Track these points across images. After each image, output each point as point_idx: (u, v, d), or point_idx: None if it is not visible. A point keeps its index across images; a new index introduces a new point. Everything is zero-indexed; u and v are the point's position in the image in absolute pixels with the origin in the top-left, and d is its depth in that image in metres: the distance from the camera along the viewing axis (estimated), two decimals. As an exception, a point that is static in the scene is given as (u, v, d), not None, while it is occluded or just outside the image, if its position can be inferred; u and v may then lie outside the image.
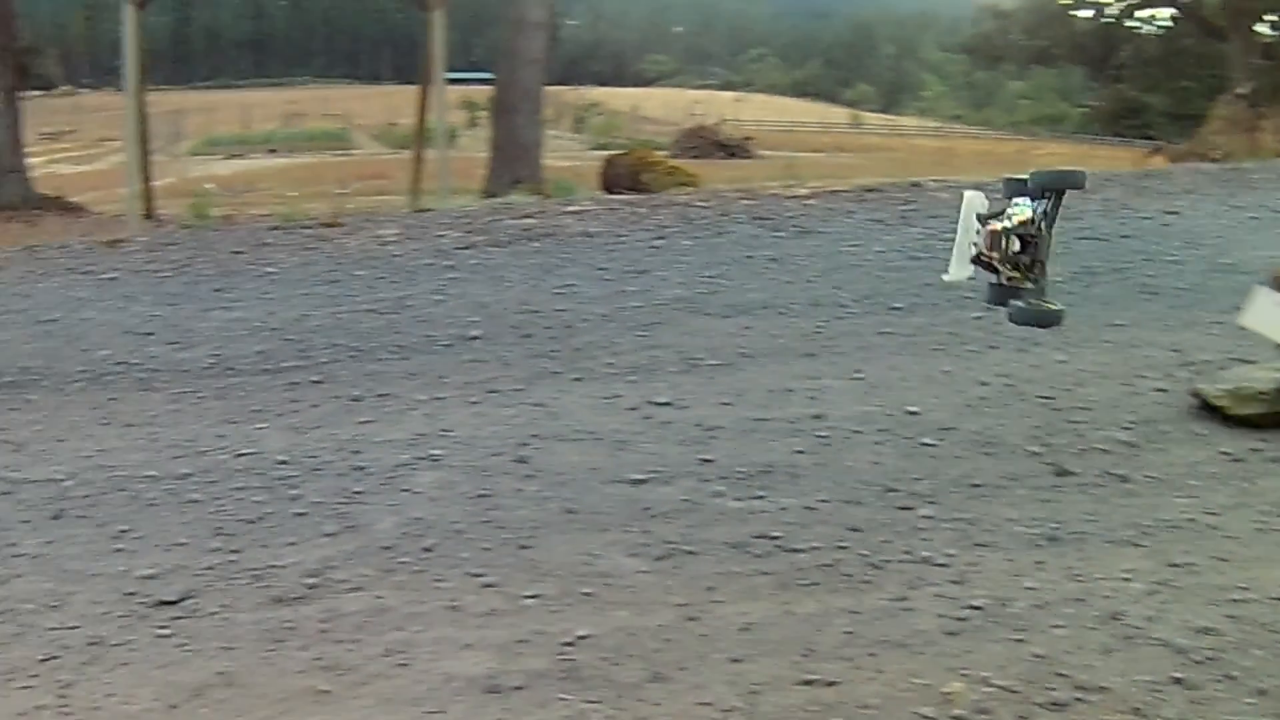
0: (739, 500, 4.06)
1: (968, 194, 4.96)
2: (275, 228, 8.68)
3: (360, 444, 4.54)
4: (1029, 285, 4.38)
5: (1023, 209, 4.42)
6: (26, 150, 19.30)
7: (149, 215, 14.59)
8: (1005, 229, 4.32)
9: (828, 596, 3.40)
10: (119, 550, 3.71)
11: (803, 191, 10.03)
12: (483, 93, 36.63)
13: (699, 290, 6.88)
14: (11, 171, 18.49)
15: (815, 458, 4.44)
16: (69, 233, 10.82)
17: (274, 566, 3.57)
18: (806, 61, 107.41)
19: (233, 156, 40.57)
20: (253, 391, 5.20)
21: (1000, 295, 4.45)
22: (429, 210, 9.78)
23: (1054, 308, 4.47)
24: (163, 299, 6.69)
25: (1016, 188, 4.60)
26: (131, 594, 3.44)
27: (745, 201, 9.53)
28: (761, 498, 4.07)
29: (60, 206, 18.48)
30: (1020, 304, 4.46)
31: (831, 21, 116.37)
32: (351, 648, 3.13)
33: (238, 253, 7.80)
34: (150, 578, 3.52)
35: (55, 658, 3.12)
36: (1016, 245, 4.38)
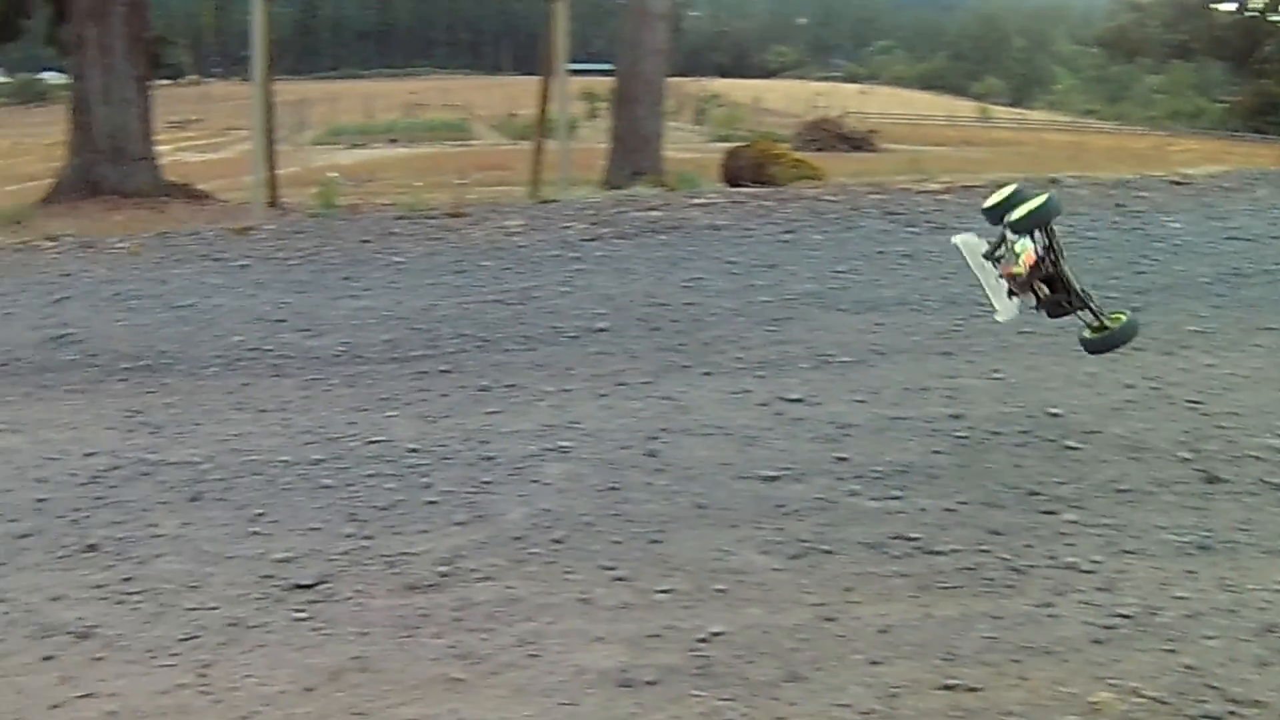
0: (875, 500, 4.03)
1: (960, 240, 4.90)
2: (401, 217, 8.88)
3: (488, 434, 4.63)
4: (1082, 316, 4.30)
5: (1024, 249, 4.38)
6: (154, 138, 20.03)
7: (273, 203, 15.03)
8: (1021, 276, 4.26)
9: (969, 600, 3.36)
10: (255, 533, 3.85)
11: (935, 186, 9.90)
12: (602, 84, 36.89)
13: (830, 285, 6.85)
14: (141, 159, 19.17)
15: (954, 458, 4.39)
16: (195, 220, 11.19)
17: (406, 554, 3.67)
18: (933, 54, 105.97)
19: (355, 146, 41.57)
20: (381, 380, 5.34)
21: (1054, 309, 4.37)
22: (553, 201, 9.89)
23: (1121, 322, 4.39)
24: (292, 287, 6.91)
25: (995, 216, 4.55)
26: (268, 577, 3.56)
27: (875, 196, 9.45)
28: (898, 498, 4.04)
29: (187, 194, 19.12)
30: (1087, 336, 4.39)
31: (959, 13, 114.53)
32: (484, 637, 3.19)
33: (365, 242, 8.01)
34: (286, 561, 3.65)
35: (195, 637, 3.25)
36: (1045, 289, 4.33)
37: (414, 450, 4.45)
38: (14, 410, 5.15)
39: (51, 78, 64.25)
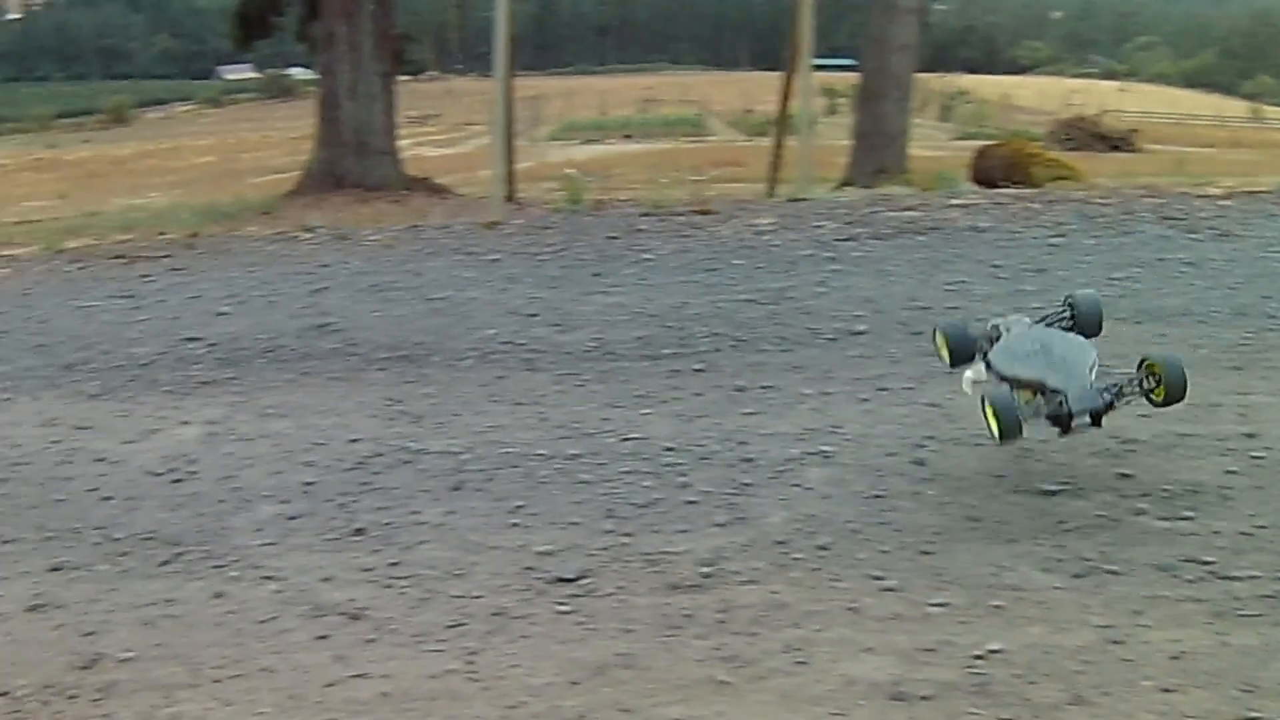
0: (1164, 520, 3.90)
1: (966, 384, 4.32)
2: (647, 214, 9.09)
3: (746, 435, 4.71)
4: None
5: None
6: (396, 134, 21.06)
7: (511, 198, 15.61)
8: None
9: (1271, 630, 3.22)
10: (515, 525, 4.04)
11: (1216, 191, 9.47)
12: (843, 80, 36.62)
13: (1106, 293, 6.58)
14: (384, 153, 20.23)
15: (1250, 479, 4.20)
16: (435, 214, 11.73)
17: (667, 553, 3.77)
18: (1199, 51, 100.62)
19: (589, 142, 42.71)
20: (635, 377, 5.50)
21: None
22: (804, 200, 9.93)
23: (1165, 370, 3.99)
24: (543, 282, 7.19)
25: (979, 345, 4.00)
26: (530, 569, 3.73)
27: (1150, 200, 9.11)
28: (1190, 519, 3.90)
29: (426, 188, 20.06)
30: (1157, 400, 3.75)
31: (1229, 8, 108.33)
32: (749, 641, 3.26)
33: (612, 238, 8.25)
34: (547, 554, 3.81)
35: (461, 625, 3.44)
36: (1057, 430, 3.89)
37: (670, 449, 4.57)
38: (280, 395, 5.56)
39: (298, 73, 68.59)
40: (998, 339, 4.28)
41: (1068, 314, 4.42)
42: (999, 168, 15.72)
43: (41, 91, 76.82)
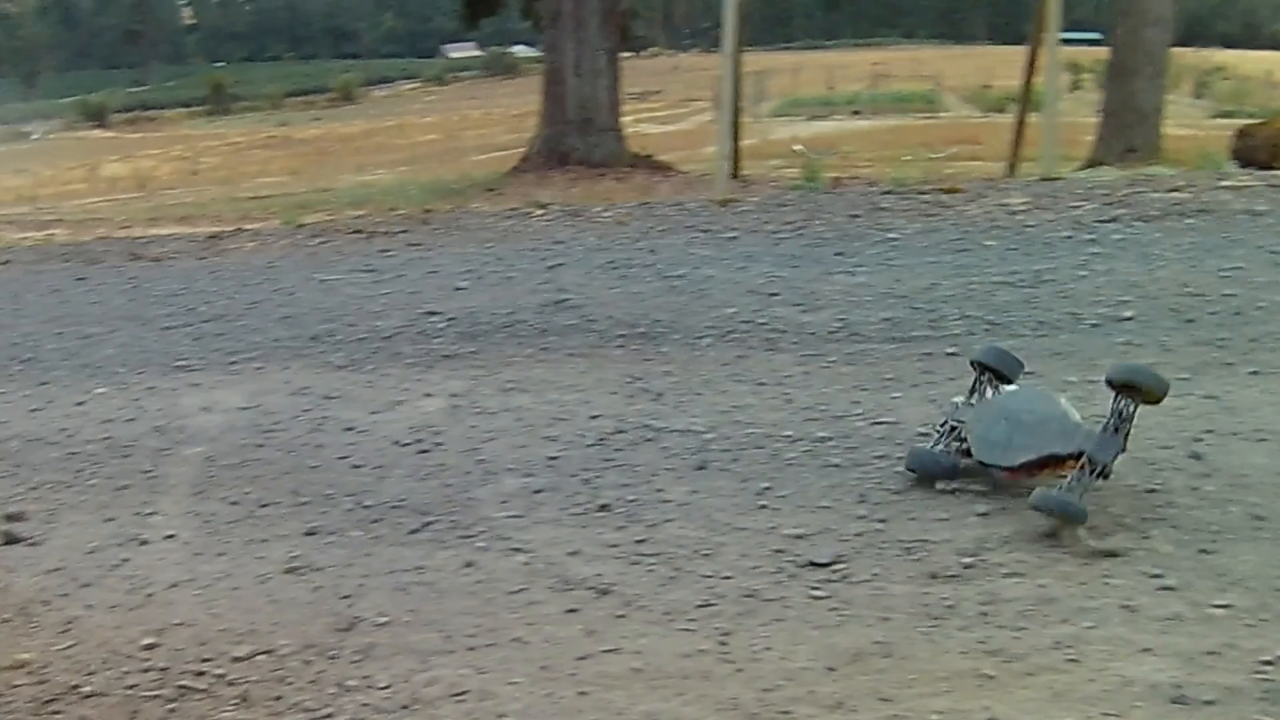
0: None
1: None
2: (888, 191, 9.00)
3: (1006, 422, 4.61)
4: None
5: None
6: (620, 110, 21.38)
7: (736, 176, 15.65)
8: None
9: None
10: (764, 507, 4.07)
11: None
12: (1087, 55, 35.24)
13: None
14: (608, 130, 20.58)
15: None
16: (660, 191, 11.89)
17: (924, 541, 3.74)
18: None
19: (815, 118, 42.39)
20: (883, 359, 5.46)
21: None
22: (1057, 179, 9.64)
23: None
24: (783, 260, 7.20)
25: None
26: (780, 551, 3.76)
27: None
28: None
29: (649, 165, 20.32)
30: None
31: None
32: (1016, 635, 3.21)
33: (854, 216, 8.20)
34: (798, 537, 3.83)
35: (711, 605, 3.50)
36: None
37: (925, 435, 4.52)
38: (520, 370, 5.75)
39: (521, 51, 70.32)
40: (958, 437, 4.15)
41: (986, 376, 4.27)
42: (1264, 148, 14.89)
43: (273, 71, 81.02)
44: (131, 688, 3.34)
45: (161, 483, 4.89)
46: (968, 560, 3.60)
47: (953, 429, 4.20)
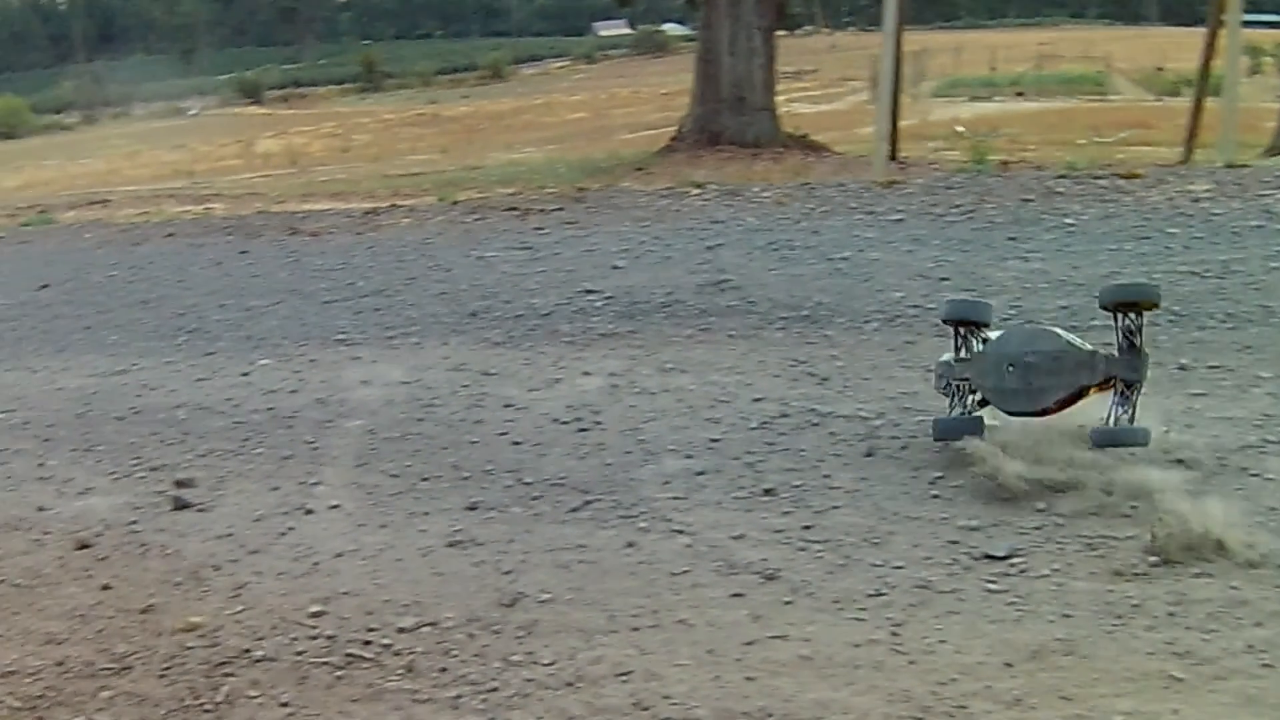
0: None
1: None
2: (1062, 176, 8.79)
3: (1192, 417, 4.49)
4: None
5: None
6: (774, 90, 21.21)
7: (894, 157, 15.42)
8: None
9: None
10: (935, 496, 4.04)
11: None
12: (1267, 37, 33.84)
13: None
14: (762, 109, 20.45)
15: None
16: (815, 171, 11.79)
17: (1108, 538, 3.67)
18: None
19: (975, 99, 41.48)
20: (1061, 348, 5.34)
21: None
22: (1244, 166, 9.29)
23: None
24: (952, 244, 7.09)
25: None
26: (954, 542, 3.72)
27: None
28: None
29: (802, 145, 20.13)
30: None
31: None
32: (1205, 638, 3.13)
33: (1026, 200, 8.03)
34: (972, 529, 3.79)
35: (882, 594, 3.48)
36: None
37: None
38: (679, 351, 5.78)
39: (671, 29, 70.38)
40: (969, 392, 4.30)
41: (964, 330, 4.38)
42: None
43: (424, 48, 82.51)
44: (300, 654, 3.46)
45: (324, 454, 5.05)
46: (1155, 559, 3.52)
47: (958, 388, 4.31)
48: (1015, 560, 3.58)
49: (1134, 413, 4.02)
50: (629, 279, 7.00)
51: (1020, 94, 44.48)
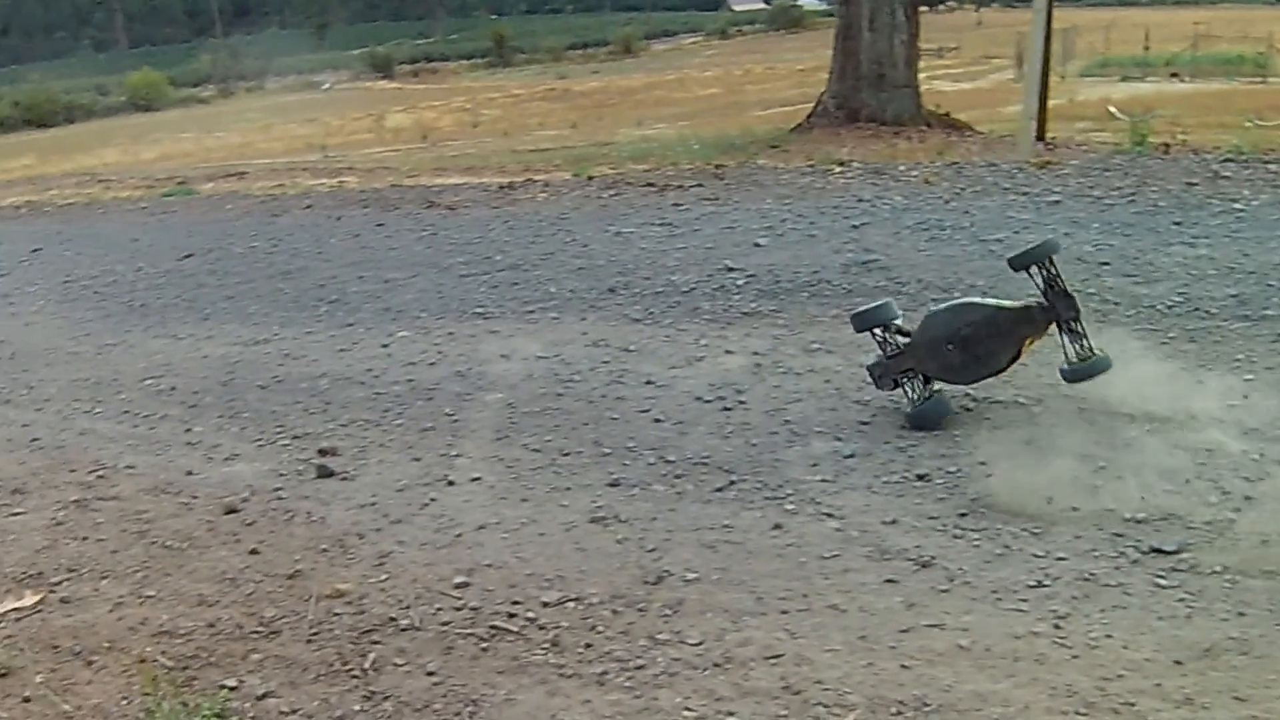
0: None
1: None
2: (1228, 159, 8.51)
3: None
4: None
5: None
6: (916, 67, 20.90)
7: (1041, 138, 15.07)
8: None
9: None
10: (1098, 486, 3.95)
11: None
12: None
13: None
14: (903, 87, 20.14)
15: None
16: (958, 151, 11.57)
17: (1285, 535, 3.55)
18: None
19: (1126, 79, 40.40)
20: (1229, 338, 5.19)
21: None
22: None
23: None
24: (1113, 228, 6.92)
25: None
26: (1119, 535, 3.65)
27: None
28: None
29: (944, 124, 19.79)
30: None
31: None
32: (1397, 642, 3.01)
33: (1191, 184, 7.79)
34: (1139, 521, 3.70)
35: (1044, 586, 3.42)
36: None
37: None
38: (825, 331, 5.75)
39: (807, 4, 69.82)
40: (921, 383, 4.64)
41: (879, 334, 4.73)
42: None
43: (555, 23, 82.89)
44: (445, 624, 3.52)
45: (464, 426, 5.12)
46: (1335, 558, 3.40)
47: (906, 380, 4.66)
48: (1185, 555, 3.49)
49: (1088, 343, 4.48)
50: (771, 257, 6.96)
51: (1175, 75, 43.20)
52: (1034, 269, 4.51)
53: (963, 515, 3.87)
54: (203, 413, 5.65)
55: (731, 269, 6.81)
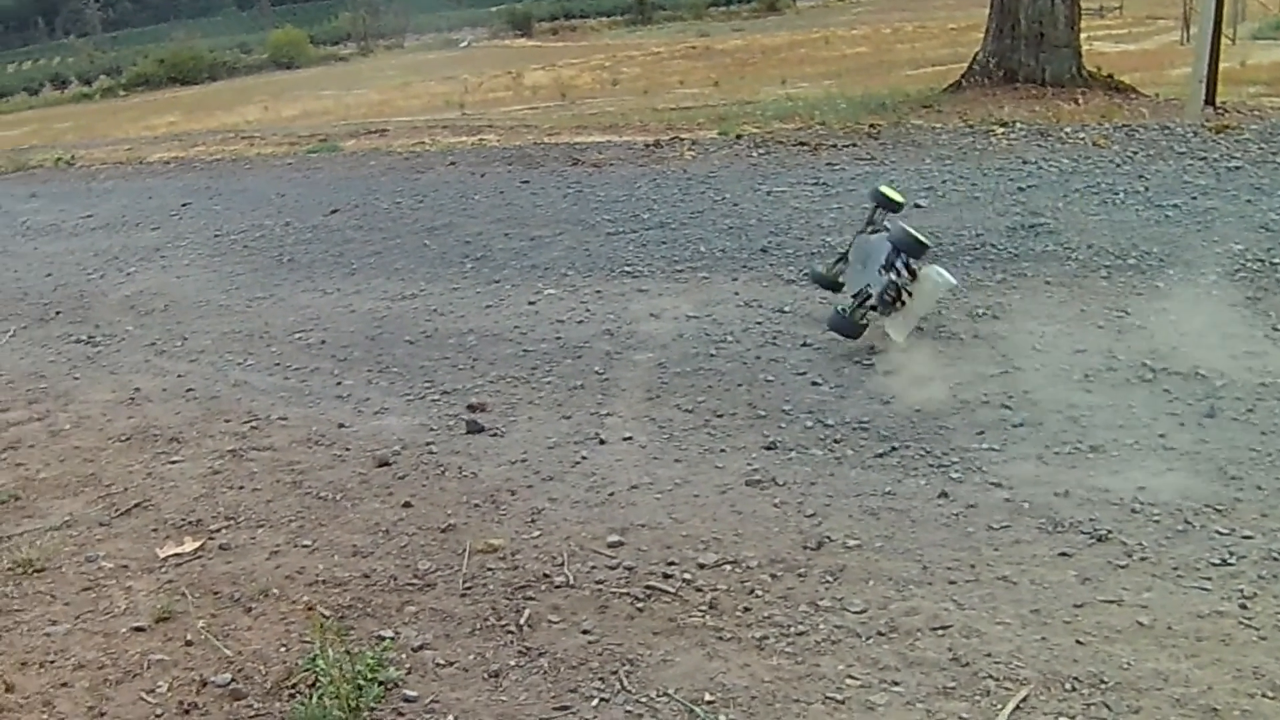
0: None
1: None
2: None
3: None
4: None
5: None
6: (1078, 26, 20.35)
7: (1211, 102, 14.57)
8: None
9: None
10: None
11: None
12: None
13: None
14: (1063, 46, 19.64)
15: None
16: (1122, 114, 11.24)
17: None
18: None
19: (1300, 42, 38.90)
20: None
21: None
22: None
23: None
24: (1298, 195, 6.67)
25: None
26: (1311, 518, 3.52)
27: None
28: None
29: (1106, 86, 19.26)
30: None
31: None
32: None
33: (1388, 151, 7.47)
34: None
35: (1228, 564, 3.33)
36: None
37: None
38: (989, 296, 5.64)
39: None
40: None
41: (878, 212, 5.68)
42: None
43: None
44: (600, 583, 3.55)
45: (614, 385, 5.15)
46: None
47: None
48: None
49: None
50: (932, 219, 6.85)
51: (1352, 36, 41.49)
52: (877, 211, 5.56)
53: (1140, 489, 3.77)
54: (352, 366, 5.76)
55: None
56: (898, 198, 5.58)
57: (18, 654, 3.42)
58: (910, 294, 4.97)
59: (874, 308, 5.15)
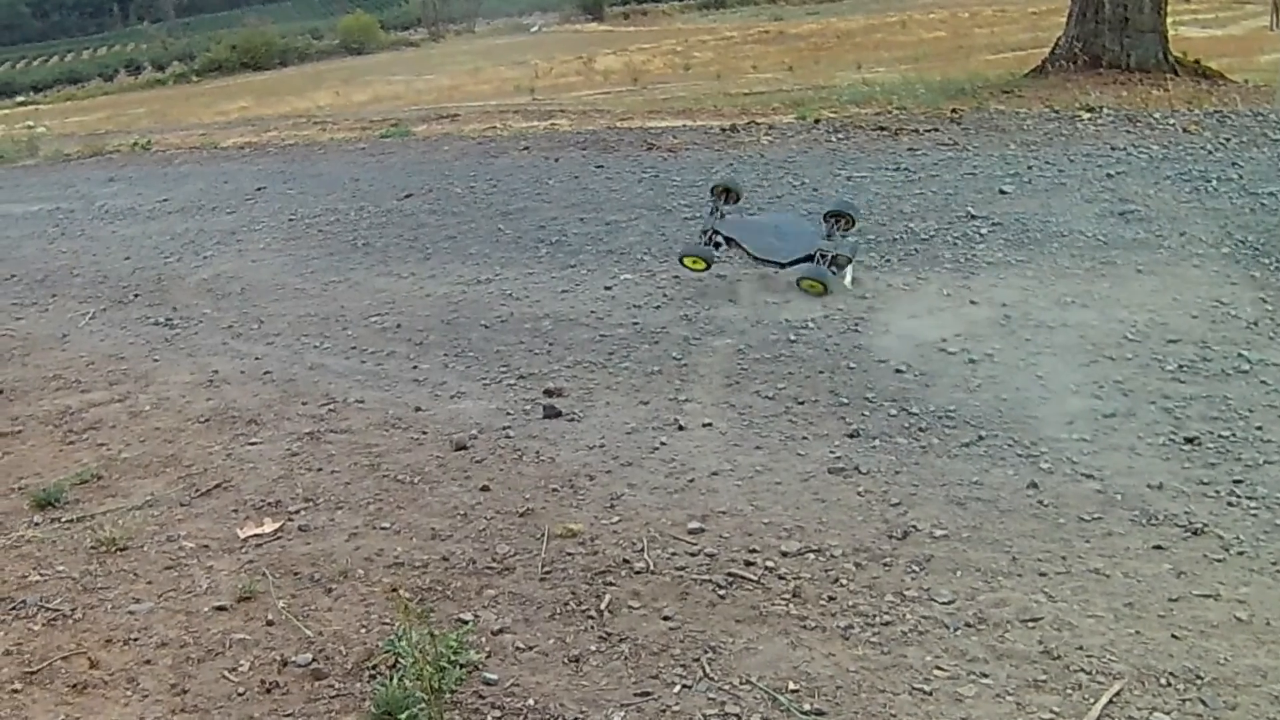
0: None
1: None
2: None
3: None
4: None
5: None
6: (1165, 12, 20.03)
7: (1301, 87, 14.28)
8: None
9: None
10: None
11: None
12: None
13: None
14: (1149, 31, 19.34)
15: None
16: (1210, 100, 11.05)
17: None
18: None
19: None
20: None
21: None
22: None
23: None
24: None
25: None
26: None
27: None
28: None
29: (1193, 71, 18.95)
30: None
31: None
32: None
33: None
34: None
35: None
36: None
37: None
38: (1079, 284, 5.57)
39: (1043, -58, 67.54)
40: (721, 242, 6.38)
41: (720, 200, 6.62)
42: None
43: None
44: (681, 569, 3.55)
45: (693, 371, 5.15)
46: None
47: (714, 235, 6.32)
48: None
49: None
50: (1018, 205, 6.77)
51: None
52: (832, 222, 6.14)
53: (1237, 483, 3.72)
54: (428, 350, 5.80)
55: (974, 216, 6.65)
56: (738, 189, 6.69)
57: (102, 631, 3.48)
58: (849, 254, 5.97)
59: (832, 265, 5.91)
